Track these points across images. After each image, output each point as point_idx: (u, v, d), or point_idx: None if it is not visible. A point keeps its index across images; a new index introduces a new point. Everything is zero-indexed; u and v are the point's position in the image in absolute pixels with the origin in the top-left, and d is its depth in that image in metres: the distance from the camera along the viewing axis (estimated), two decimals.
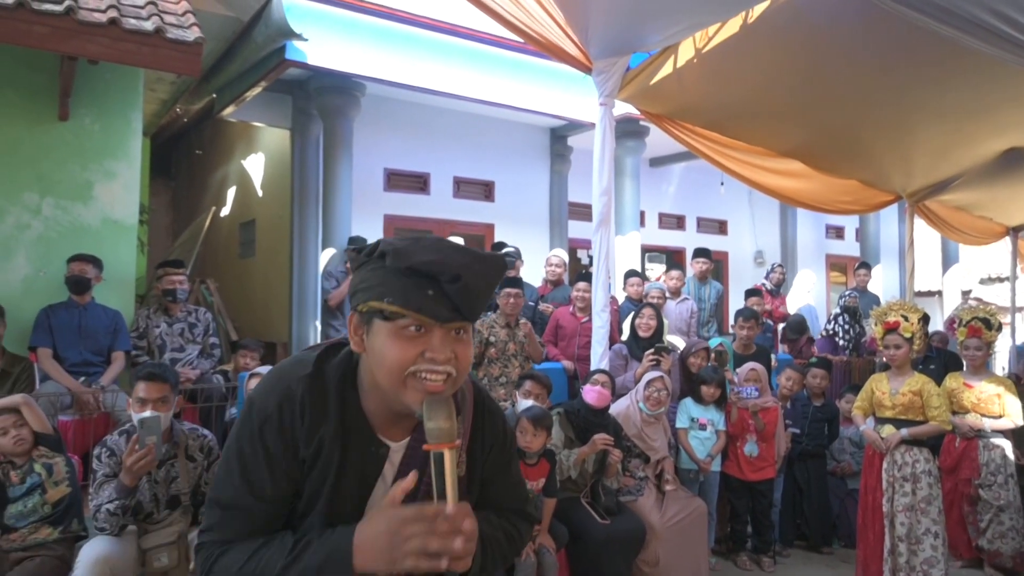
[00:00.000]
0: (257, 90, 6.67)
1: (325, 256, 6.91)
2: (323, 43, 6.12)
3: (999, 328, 4.38)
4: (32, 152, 4.45)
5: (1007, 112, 4.48)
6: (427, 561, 1.00)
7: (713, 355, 4.73)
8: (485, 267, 1.07)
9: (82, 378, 4.05)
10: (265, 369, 3.35)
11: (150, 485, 2.75)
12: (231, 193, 9.69)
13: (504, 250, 5.92)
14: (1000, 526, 4.20)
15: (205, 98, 7.42)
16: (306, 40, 5.73)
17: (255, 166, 8.81)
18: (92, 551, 2.58)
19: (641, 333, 4.71)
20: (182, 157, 11.38)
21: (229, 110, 7.19)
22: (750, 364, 4.56)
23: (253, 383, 3.21)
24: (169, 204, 11.78)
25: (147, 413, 2.66)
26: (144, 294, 7.06)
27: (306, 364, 1.16)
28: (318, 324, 6.95)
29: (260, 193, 8.66)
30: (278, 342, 7.68)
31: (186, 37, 4.04)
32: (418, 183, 8.18)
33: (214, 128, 9.43)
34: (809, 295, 8.01)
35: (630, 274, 6.28)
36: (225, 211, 9.78)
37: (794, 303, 7.74)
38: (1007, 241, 7.88)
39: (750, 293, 6.51)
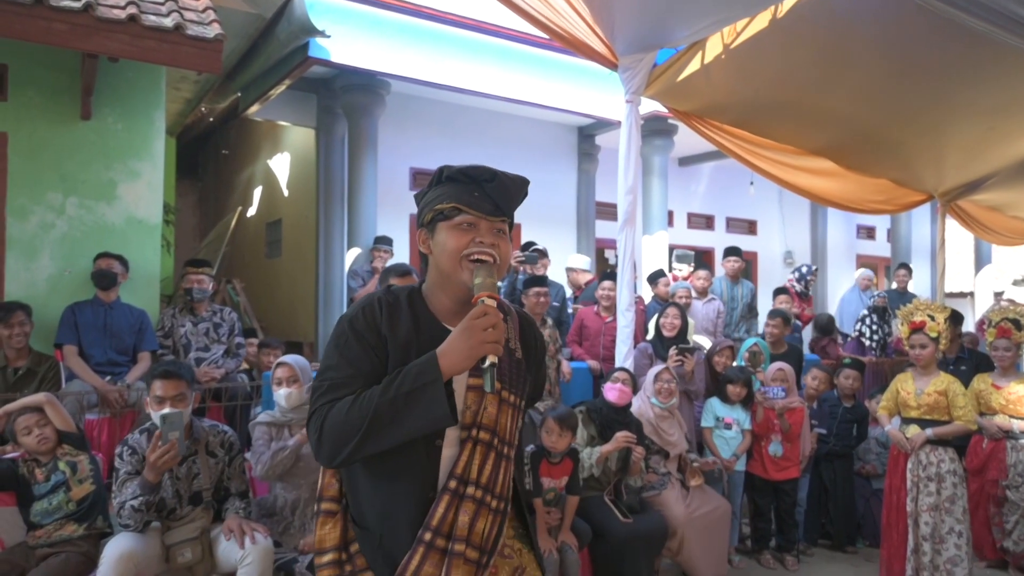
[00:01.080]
0: (281, 88, 6.74)
1: (351, 255, 6.98)
2: (347, 40, 6.17)
3: None
4: (55, 152, 4.47)
5: None
6: (493, 345, 1.32)
7: (747, 354, 4.75)
8: (512, 176, 1.48)
9: (108, 377, 4.06)
10: (291, 357, 3.36)
11: (172, 482, 2.79)
12: (257, 193, 9.84)
13: (531, 248, 5.93)
14: None
15: (230, 97, 7.52)
16: (329, 37, 5.78)
17: (281, 166, 8.92)
18: (116, 547, 2.62)
19: (666, 332, 4.72)
20: (208, 157, 11.58)
21: (254, 109, 7.29)
22: (778, 364, 4.58)
23: (280, 372, 3.24)
24: (196, 204, 11.99)
25: (168, 409, 2.70)
26: (172, 294, 7.18)
27: (376, 291, 1.52)
28: None
29: (286, 193, 8.78)
30: (304, 341, 7.77)
31: (206, 34, 4.01)
32: None
33: (240, 128, 9.58)
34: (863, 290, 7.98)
35: (658, 275, 6.23)
36: (252, 211, 9.93)
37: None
38: None
39: (779, 291, 6.49)
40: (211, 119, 9.07)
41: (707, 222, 10.50)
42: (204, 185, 12.04)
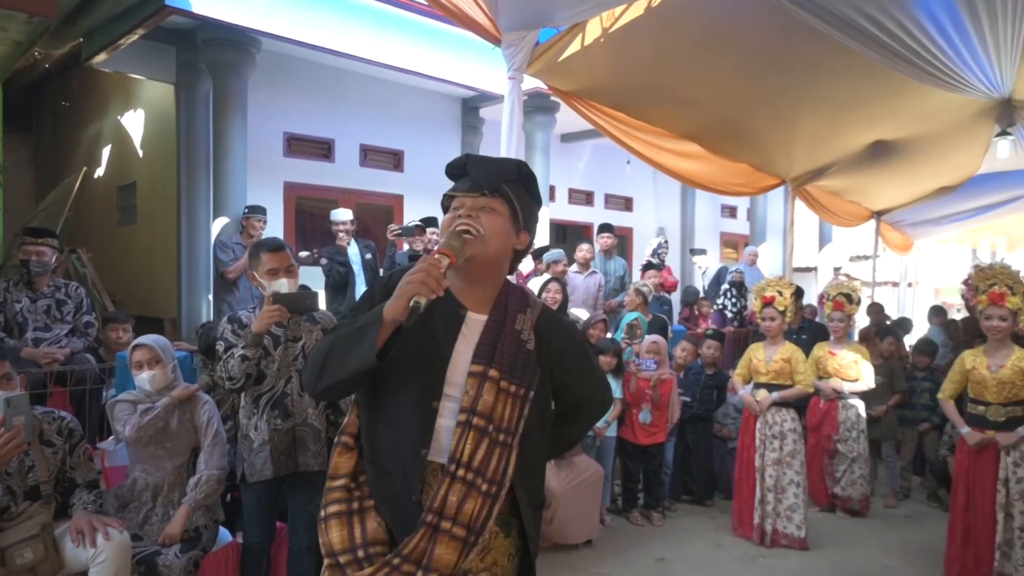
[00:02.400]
0: (133, 38, 6.12)
1: (217, 225, 6.54)
2: None
3: (859, 302, 5.04)
4: None
5: (875, 106, 5.04)
6: (418, 285, 1.42)
7: (627, 327, 4.98)
8: (487, 158, 1.66)
9: None
10: (150, 337, 3.08)
11: (1, 477, 2.54)
12: (106, 152, 9.03)
13: (410, 222, 5.84)
14: (852, 475, 4.91)
15: (69, 43, 6.72)
16: None
17: (134, 123, 8.22)
18: None
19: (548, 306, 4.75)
20: (45, 108, 10.46)
21: (100, 58, 6.57)
22: (651, 337, 4.91)
23: (139, 354, 3.02)
24: (30, 161, 10.79)
25: (8, 392, 2.49)
26: (1, 264, 6.37)
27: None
28: (211, 298, 6.60)
29: (141, 153, 8.13)
30: (165, 317, 7.26)
31: None
32: (322, 150, 7.92)
33: (84, 77, 8.69)
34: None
35: (541, 250, 6.25)
36: (100, 172, 9.04)
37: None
38: (872, 223, 8.82)
39: (647, 267, 6.89)
40: (47, 66, 8.07)
41: (587, 198, 10.88)
42: (40, 140, 10.85)
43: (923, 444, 5.54)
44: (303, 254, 7.12)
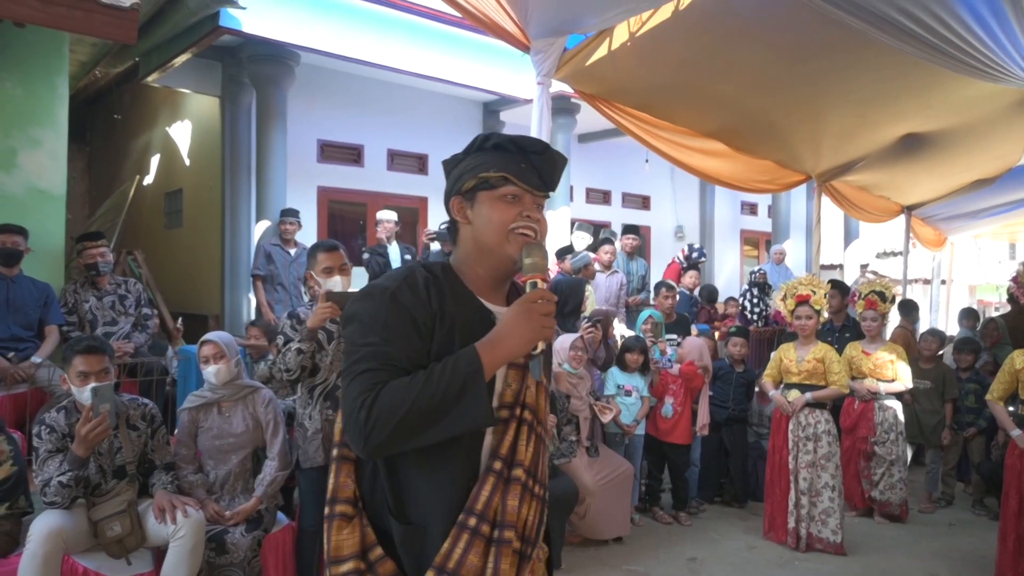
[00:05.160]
0: (186, 56, 6.34)
1: (259, 228, 6.73)
2: (258, 10, 5.88)
3: (893, 300, 4.74)
4: None
5: (906, 100, 4.79)
6: (550, 331, 1.24)
7: (649, 326, 4.87)
8: (558, 152, 1.39)
9: (11, 353, 3.80)
10: (216, 334, 3.21)
11: (94, 457, 2.71)
12: (155, 161, 9.21)
13: (443, 224, 5.95)
14: (891, 478, 4.62)
15: (128, 62, 6.98)
16: (244, 9, 5.49)
17: (181, 134, 8.39)
18: (44, 525, 2.54)
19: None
20: (98, 121, 10.67)
21: (154, 76, 6.81)
22: (688, 340, 4.78)
23: (207, 349, 3.09)
24: (84, 170, 11.06)
25: (95, 383, 2.61)
26: (66, 265, 6.65)
27: (411, 264, 1.37)
28: (251, 297, 6.76)
29: (187, 162, 8.28)
30: (209, 314, 7.44)
31: (121, 2, 3.85)
32: (352, 155, 8.03)
33: (135, 92, 8.90)
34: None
35: (566, 250, 6.29)
36: (148, 179, 9.30)
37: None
38: (902, 219, 8.37)
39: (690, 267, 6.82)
40: (102, 82, 8.36)
41: (604, 197, 10.69)
42: (93, 150, 11.09)
43: (968, 449, 5.12)
44: None
